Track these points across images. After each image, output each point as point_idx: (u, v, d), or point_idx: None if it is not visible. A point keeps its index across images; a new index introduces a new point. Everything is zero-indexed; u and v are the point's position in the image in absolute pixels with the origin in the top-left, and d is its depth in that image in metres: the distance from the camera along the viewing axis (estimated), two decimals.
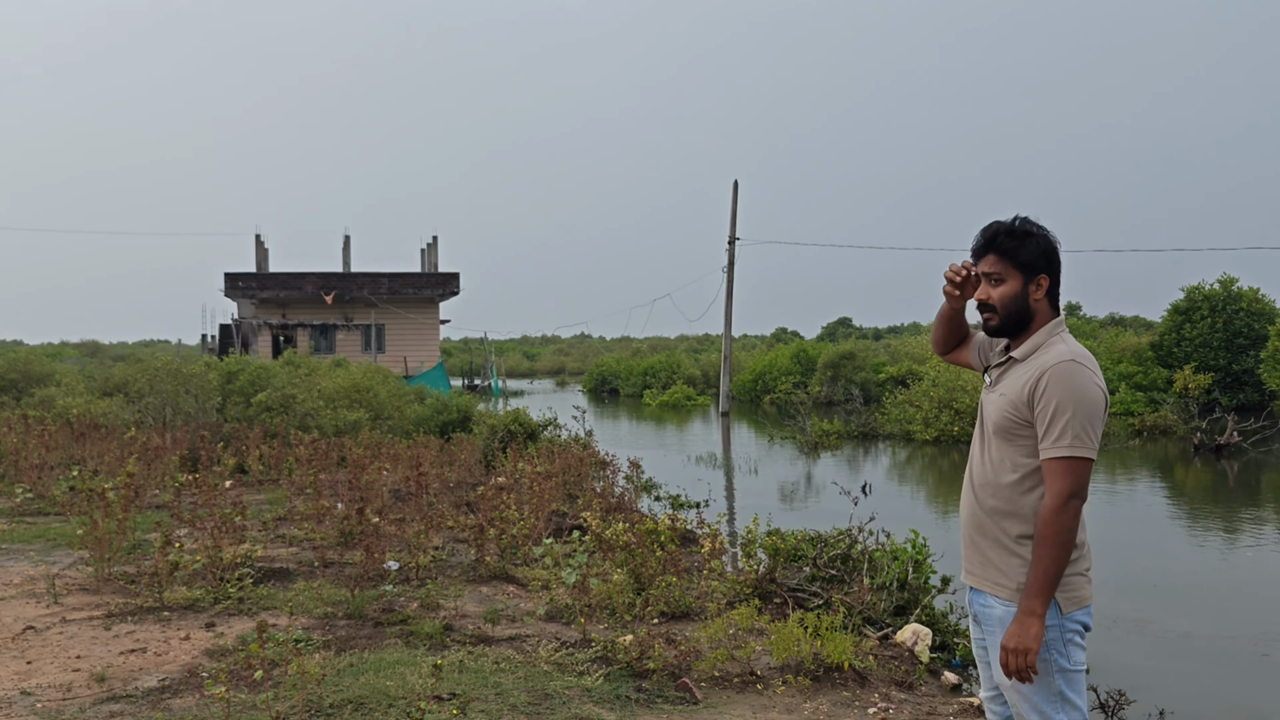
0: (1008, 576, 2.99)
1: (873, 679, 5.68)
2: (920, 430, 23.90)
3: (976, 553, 3.09)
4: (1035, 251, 3.04)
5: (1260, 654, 7.37)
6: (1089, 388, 2.90)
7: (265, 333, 44.15)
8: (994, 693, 3.23)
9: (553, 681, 5.32)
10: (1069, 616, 2.95)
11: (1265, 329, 31.18)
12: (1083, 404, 2.87)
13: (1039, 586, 2.87)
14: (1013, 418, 2.99)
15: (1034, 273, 3.05)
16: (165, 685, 5.18)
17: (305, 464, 12.29)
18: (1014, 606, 2.96)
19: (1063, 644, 2.95)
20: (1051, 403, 2.89)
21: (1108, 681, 6.23)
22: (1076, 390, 2.88)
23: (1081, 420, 2.86)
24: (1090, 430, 2.86)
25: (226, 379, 19.52)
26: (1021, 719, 3.03)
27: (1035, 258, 3.04)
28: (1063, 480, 2.86)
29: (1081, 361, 2.92)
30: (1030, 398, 2.94)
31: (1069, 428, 2.86)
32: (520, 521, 8.55)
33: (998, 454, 3.05)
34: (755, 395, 44.37)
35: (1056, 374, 2.90)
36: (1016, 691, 2.99)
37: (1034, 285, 3.05)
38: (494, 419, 17.51)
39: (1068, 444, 2.86)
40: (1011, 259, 3.05)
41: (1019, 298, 3.06)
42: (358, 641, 5.99)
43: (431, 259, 48.48)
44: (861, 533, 7.67)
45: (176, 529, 8.36)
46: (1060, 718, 2.95)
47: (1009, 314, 3.07)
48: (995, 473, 3.04)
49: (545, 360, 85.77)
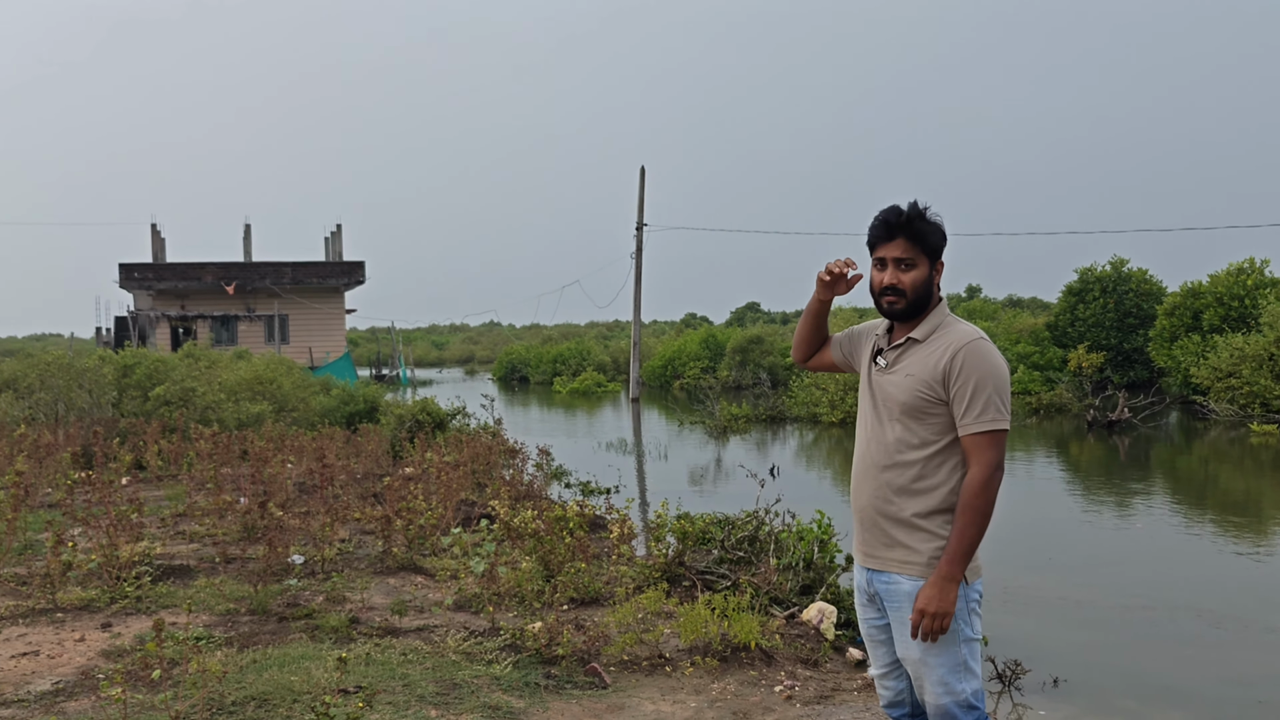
0: (918, 553, 3.01)
1: (779, 658, 5.78)
2: (827, 413, 24.28)
3: (880, 535, 3.09)
4: (939, 237, 3.12)
5: (1150, 621, 7.68)
6: (1000, 363, 3.02)
7: (163, 325, 42.97)
8: (885, 669, 3.27)
9: (461, 671, 5.30)
10: (973, 586, 3.03)
11: (1153, 308, 32.31)
12: (998, 379, 2.99)
13: (961, 554, 2.94)
14: (925, 396, 3.01)
15: (937, 257, 3.14)
16: (59, 688, 5.03)
17: (206, 458, 12.00)
18: (923, 582, 2.98)
19: (968, 614, 3.01)
20: (970, 380, 2.97)
21: (1005, 652, 6.42)
22: (990, 366, 2.99)
23: (1000, 394, 2.98)
24: (1005, 403, 3.00)
25: (122, 373, 18.94)
26: (923, 691, 3.07)
27: (939, 243, 3.13)
28: (989, 452, 2.96)
29: (986, 339, 3.06)
30: (945, 376, 2.99)
31: (990, 403, 2.96)
32: (428, 512, 8.48)
33: (903, 433, 3.05)
34: (665, 381, 44.60)
35: (970, 352, 2.99)
36: (923, 664, 3.02)
37: (937, 269, 3.14)
38: (401, 409, 17.31)
39: (990, 418, 2.97)
40: (922, 244, 3.09)
41: (927, 282, 3.11)
42: (261, 637, 5.89)
43: (336, 248, 47.64)
44: (768, 514, 7.77)
45: (70, 528, 8.10)
46: (963, 687, 3.00)
47: (918, 298, 3.09)
48: (900, 452, 3.05)
49: (454, 349, 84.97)
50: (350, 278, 44.87)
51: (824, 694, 5.31)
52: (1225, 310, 28.15)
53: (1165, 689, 6.20)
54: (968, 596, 3.00)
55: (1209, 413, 24.53)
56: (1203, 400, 25.46)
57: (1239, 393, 24.41)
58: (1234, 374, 24.83)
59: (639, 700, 5.08)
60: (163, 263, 44.42)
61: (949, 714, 3.02)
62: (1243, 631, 7.39)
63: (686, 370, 41.13)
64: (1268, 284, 28.16)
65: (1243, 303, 27.90)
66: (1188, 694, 6.15)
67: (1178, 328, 29.55)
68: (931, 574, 2.96)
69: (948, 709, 3.01)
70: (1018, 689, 6.06)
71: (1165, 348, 29.77)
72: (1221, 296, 28.45)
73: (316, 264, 45.32)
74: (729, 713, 4.97)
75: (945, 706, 3.01)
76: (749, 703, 5.12)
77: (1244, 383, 24.33)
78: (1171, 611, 7.88)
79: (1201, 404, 25.34)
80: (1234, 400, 24.42)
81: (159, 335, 42.35)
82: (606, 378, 45.56)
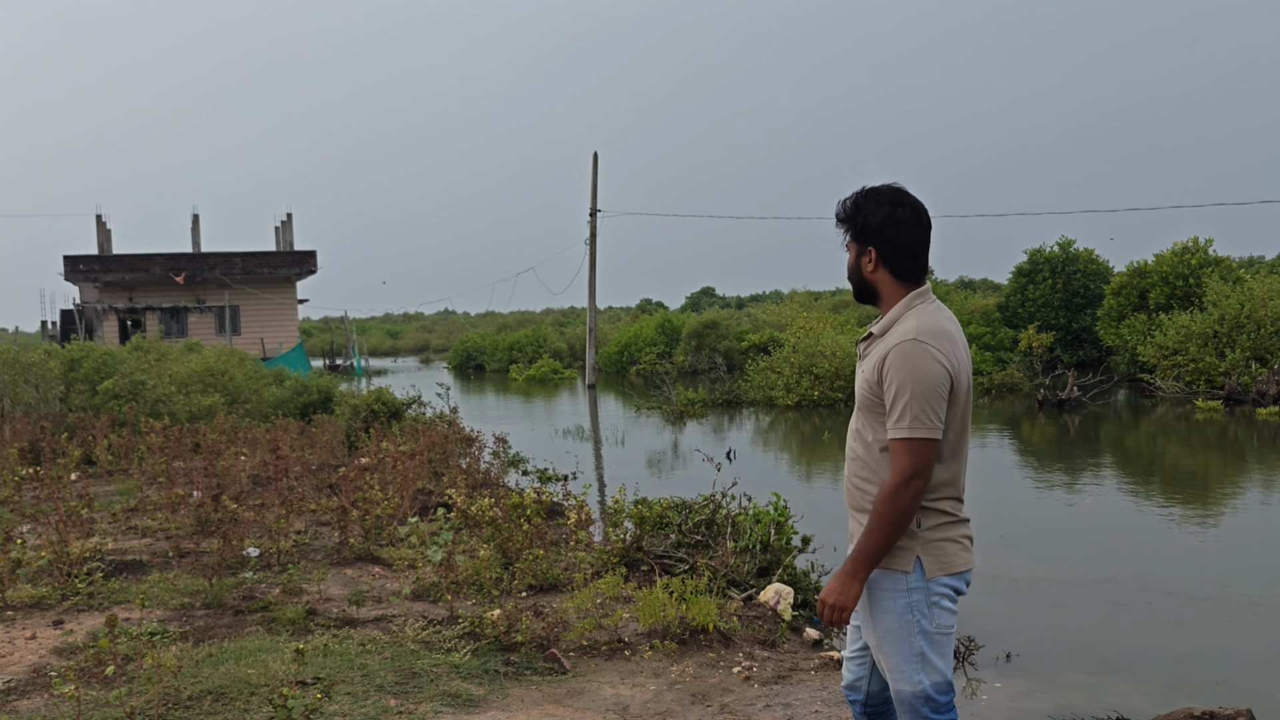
0: None
1: (737, 639, 5.82)
2: (782, 396, 24.42)
3: (854, 522, 3.12)
4: (862, 224, 3.02)
5: (1101, 596, 7.82)
6: (926, 368, 2.87)
7: (111, 317, 42.28)
8: (854, 653, 3.28)
9: (420, 660, 5.29)
10: (935, 580, 2.97)
11: (1101, 288, 32.77)
12: (920, 384, 2.86)
13: (865, 555, 2.91)
14: (869, 395, 3.01)
15: (864, 244, 3.04)
16: (11, 686, 4.96)
17: (157, 452, 11.84)
18: (881, 570, 2.98)
19: (926, 606, 2.97)
20: (894, 384, 2.89)
21: (959, 629, 6.49)
22: (914, 370, 2.87)
23: (920, 401, 2.86)
24: (930, 410, 2.86)
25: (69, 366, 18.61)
26: (888, 677, 3.08)
27: (862, 230, 3.03)
28: (902, 460, 2.87)
29: (923, 339, 2.90)
30: (880, 376, 2.95)
31: (908, 409, 2.86)
32: (384, 501, 8.44)
33: (862, 426, 3.06)
34: (621, 366, 44.62)
35: (897, 354, 2.90)
36: (880, 651, 3.04)
37: (865, 257, 3.05)
38: (356, 399, 17.18)
39: (906, 425, 2.87)
40: (848, 229, 3.08)
41: (855, 269, 3.09)
42: (217, 631, 5.84)
43: (286, 237, 47.09)
44: (725, 498, 7.82)
45: (18, 525, 7.98)
46: (919, 678, 2.99)
47: (853, 283, 3.11)
48: (861, 445, 3.07)
49: (409, 338, 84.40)
50: (302, 267, 44.39)
51: (781, 674, 5.37)
52: (1170, 289, 28.63)
53: (1115, 663, 6.33)
54: (929, 590, 2.97)
55: (1156, 390, 24.97)
56: (1149, 378, 25.91)
57: (1185, 370, 24.86)
58: (1180, 351, 25.28)
59: (599, 684, 5.11)
60: (109, 254, 43.68)
61: (905, 702, 3.03)
62: (1192, 606, 7.56)
63: (643, 356, 41.18)
64: (1211, 263, 28.67)
65: (1187, 282, 28.39)
66: (1137, 668, 6.29)
67: (1125, 307, 30.02)
68: (889, 562, 2.97)
69: (905, 697, 3.03)
70: (971, 664, 6.16)
71: (1113, 327, 30.23)
72: (1167, 276, 28.92)
73: (267, 254, 44.78)
74: (688, 694, 5.01)
75: (903, 694, 3.03)
76: (708, 684, 5.16)
77: (1189, 360, 24.79)
78: (1122, 586, 8.04)
79: (1148, 382, 25.78)
80: (1180, 378, 24.88)
81: (107, 328, 41.67)
82: (563, 364, 45.47)
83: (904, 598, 2.98)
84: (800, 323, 31.11)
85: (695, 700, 4.94)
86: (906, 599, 2.97)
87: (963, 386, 2.98)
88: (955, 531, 3.01)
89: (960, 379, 2.96)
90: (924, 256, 3.05)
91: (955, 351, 2.96)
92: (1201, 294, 26.90)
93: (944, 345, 2.93)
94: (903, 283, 3.03)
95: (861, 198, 3.04)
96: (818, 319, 31.64)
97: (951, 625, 3.04)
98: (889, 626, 3.00)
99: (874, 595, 3.03)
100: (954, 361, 2.94)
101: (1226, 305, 24.87)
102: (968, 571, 3.05)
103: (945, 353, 2.92)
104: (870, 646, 3.11)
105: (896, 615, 2.98)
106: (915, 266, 3.03)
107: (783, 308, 43.97)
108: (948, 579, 3.00)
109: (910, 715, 3.03)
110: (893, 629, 2.99)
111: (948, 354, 2.92)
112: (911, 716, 3.03)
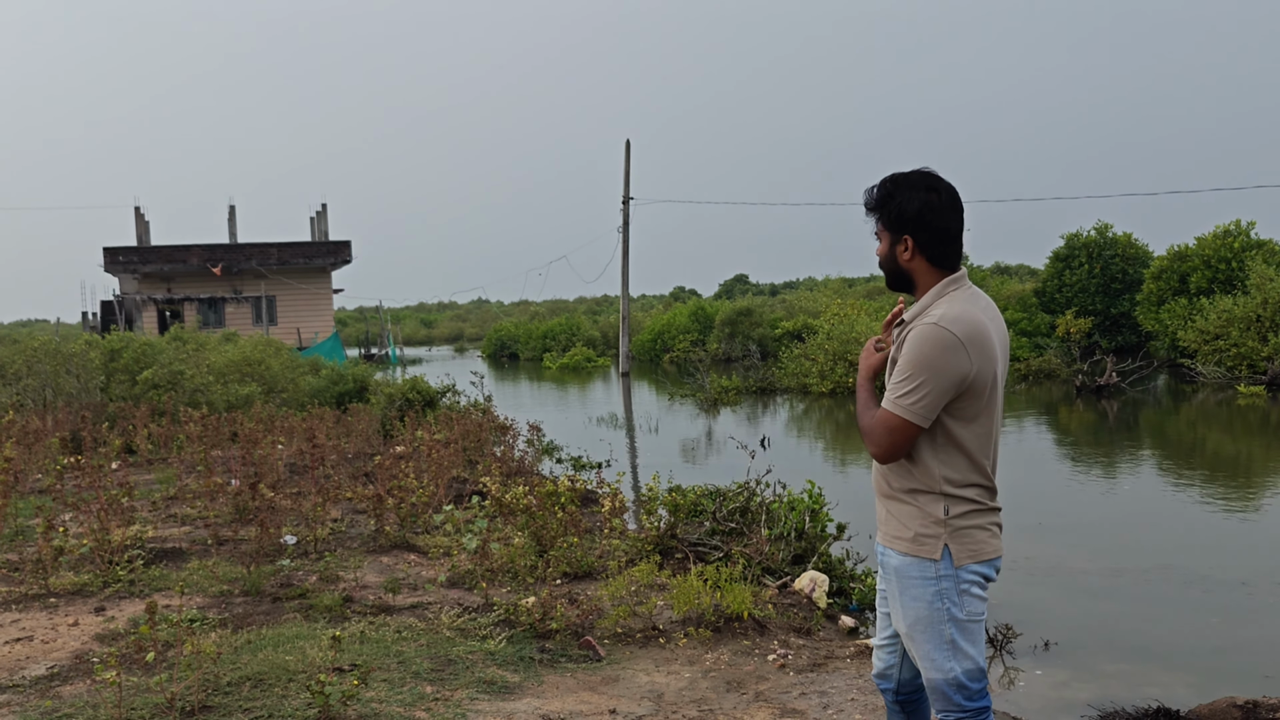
0: (905, 528, 3.01)
1: (772, 627, 5.81)
2: (816, 383, 24.32)
3: (881, 509, 3.12)
4: (895, 212, 3.00)
5: (1140, 585, 7.73)
6: (932, 354, 2.85)
7: (150, 308, 42.76)
8: (884, 641, 3.29)
9: (456, 647, 5.32)
10: (965, 568, 2.96)
11: (1139, 273, 32.36)
12: (928, 371, 2.85)
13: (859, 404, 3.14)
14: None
15: (899, 233, 3.01)
16: (54, 673, 5.03)
17: (196, 441, 11.98)
18: (910, 558, 2.98)
19: (956, 594, 2.96)
20: (906, 359, 2.91)
21: (996, 616, 6.45)
22: (925, 357, 2.85)
23: (923, 388, 2.86)
24: (926, 400, 2.86)
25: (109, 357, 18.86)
26: (916, 663, 3.08)
27: (896, 218, 3.00)
28: (876, 431, 2.96)
29: (945, 325, 2.87)
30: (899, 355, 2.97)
31: (898, 386, 2.90)
32: (420, 490, 8.48)
33: None
34: (655, 355, 44.59)
35: (915, 335, 2.91)
36: (910, 639, 3.04)
37: (900, 245, 3.02)
38: (391, 388, 17.28)
39: (890, 399, 2.92)
40: (880, 218, 3.05)
41: (890, 258, 3.06)
42: (255, 618, 5.90)
43: (321, 227, 47.38)
44: (759, 485, 7.79)
45: (61, 513, 8.09)
46: (950, 665, 2.98)
47: (886, 272, 3.10)
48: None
49: (443, 327, 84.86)
50: (337, 257, 44.67)
51: (817, 662, 5.34)
52: (1212, 273, 28.22)
53: (1156, 653, 6.25)
54: (959, 578, 2.97)
55: (1196, 375, 24.63)
56: (1190, 363, 25.56)
57: (1226, 355, 24.50)
58: (1221, 336, 24.91)
59: (633, 672, 5.11)
60: (148, 246, 44.14)
61: (938, 690, 3.02)
62: (1234, 595, 7.44)
63: (676, 344, 41.13)
64: (1254, 246, 28.22)
65: (1229, 265, 27.96)
66: (1178, 658, 6.21)
67: (1164, 291, 29.62)
68: (917, 549, 2.97)
69: (936, 685, 3.02)
70: (1009, 653, 6.10)
71: (1152, 312, 29.84)
72: (1209, 259, 28.50)
73: (303, 244, 45.09)
74: (723, 682, 5.00)
75: (935, 682, 3.02)
76: (743, 672, 5.15)
77: (1231, 344, 24.42)
78: (1163, 574, 7.94)
79: (1189, 367, 25.44)
80: (1221, 362, 24.52)
81: (145, 319, 42.14)
82: (596, 353, 45.54)
83: (933, 585, 2.97)
84: (834, 309, 30.93)
85: (730, 688, 4.93)
86: (936, 586, 2.96)
87: (988, 379, 2.92)
88: (984, 519, 3.00)
89: (985, 373, 2.91)
90: (960, 242, 3.02)
91: (982, 344, 2.89)
92: (1244, 278, 26.49)
93: (967, 335, 2.87)
94: (939, 269, 3.01)
95: (893, 185, 3.01)
96: (851, 305, 31.44)
97: (982, 612, 3.02)
98: (919, 614, 2.99)
99: (904, 583, 3.01)
100: (977, 355, 2.88)
101: (1270, 289, 24.47)
102: (997, 559, 3.04)
103: (967, 344, 2.86)
104: (900, 635, 3.10)
105: (926, 603, 2.97)
106: (952, 253, 3.00)
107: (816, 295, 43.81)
108: (977, 566, 2.98)
109: (943, 703, 3.02)
110: (923, 617, 2.98)
111: (970, 346, 2.87)
112: (944, 704, 3.02)
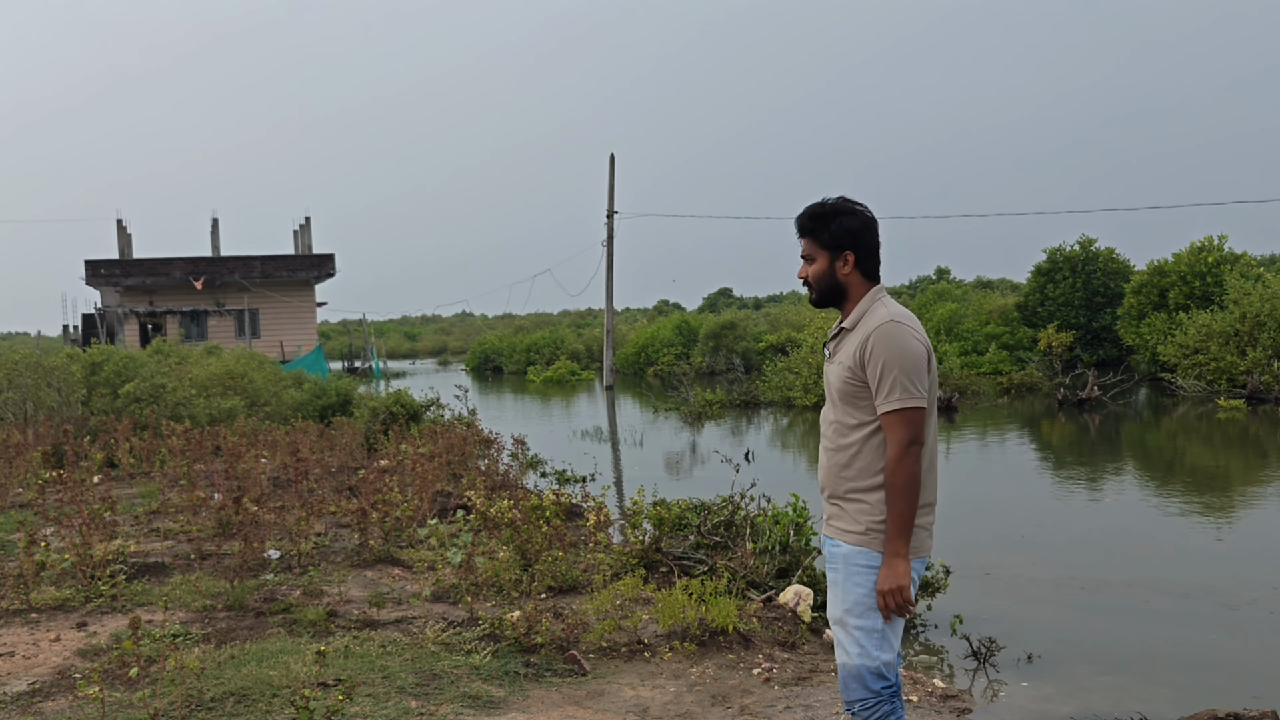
0: (856, 521, 3.24)
1: (757, 640, 5.82)
2: (800, 396, 24.37)
3: (831, 506, 3.37)
4: (838, 231, 3.30)
5: (1123, 597, 7.78)
6: (907, 344, 3.17)
7: (132, 321, 42.56)
8: None
9: (440, 661, 5.31)
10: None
11: (1121, 287, 32.54)
12: (904, 359, 3.15)
13: (898, 530, 3.15)
14: (851, 382, 3.25)
15: (838, 250, 3.32)
16: (36, 688, 5.01)
17: (179, 455, 11.93)
18: (859, 548, 3.22)
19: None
20: (879, 362, 3.16)
21: (980, 630, 6.49)
22: (896, 348, 3.16)
23: (906, 374, 3.15)
24: (914, 382, 3.15)
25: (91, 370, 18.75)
26: (841, 651, 3.26)
27: (838, 237, 3.31)
28: (900, 430, 3.14)
29: (901, 320, 3.21)
30: (862, 360, 3.21)
31: (896, 383, 3.14)
32: (404, 504, 8.47)
33: (842, 416, 3.32)
34: (639, 368, 44.63)
35: (880, 335, 3.18)
36: (843, 625, 3.25)
37: (840, 261, 3.32)
38: (375, 401, 17.24)
39: (898, 397, 3.14)
40: (816, 240, 3.34)
41: (828, 274, 3.35)
42: (239, 633, 5.87)
43: (305, 240, 47.29)
44: (744, 499, 7.81)
45: (42, 528, 8.05)
46: (878, 654, 3.21)
47: (822, 288, 3.37)
48: (841, 434, 3.32)
49: (427, 340, 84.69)
50: (320, 270, 44.58)
51: (802, 675, 5.36)
52: (1189, 288, 28.44)
53: (1138, 666, 6.28)
54: None
55: (1177, 389, 24.80)
56: (1170, 377, 25.73)
57: (1206, 369, 24.68)
58: (1201, 350, 25.10)
59: (618, 686, 5.11)
60: (130, 259, 43.97)
61: (859, 676, 3.22)
62: (1216, 608, 7.49)
63: (660, 357, 41.20)
64: (1228, 260, 28.46)
65: (1205, 280, 28.19)
66: (1160, 671, 6.24)
67: (1145, 306, 29.82)
68: (868, 541, 3.20)
69: (859, 671, 3.22)
70: (992, 665, 6.12)
71: (1133, 326, 30.04)
72: (1185, 275, 28.73)
73: (286, 257, 44.98)
74: (708, 696, 5.01)
75: (857, 669, 3.22)
76: (728, 685, 5.16)
77: (1211, 358, 24.60)
78: (1145, 588, 7.98)
79: (1169, 381, 25.61)
80: (1201, 376, 24.70)
81: (128, 332, 41.93)
82: (580, 366, 45.52)
83: (875, 575, 3.20)
84: (818, 323, 30.95)
85: (715, 702, 4.94)
86: (876, 576, 3.20)
87: (933, 368, 3.26)
88: (924, 519, 3.25)
89: (932, 360, 3.26)
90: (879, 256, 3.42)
91: (924, 333, 3.29)
92: (1221, 292, 26.70)
93: (919, 327, 3.27)
94: (870, 281, 3.36)
95: (832, 209, 3.33)
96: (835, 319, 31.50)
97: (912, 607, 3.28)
98: (858, 599, 3.21)
99: (849, 570, 3.24)
100: (924, 339, 3.25)
101: (1247, 303, 24.68)
102: (927, 556, 3.31)
103: (920, 333, 3.25)
104: (831, 619, 3.32)
105: (867, 590, 3.20)
106: (877, 266, 3.39)
107: (800, 308, 43.88)
108: (915, 562, 3.23)
109: (860, 690, 3.24)
110: (861, 601, 3.21)
111: (922, 334, 3.26)
112: (862, 691, 3.24)
